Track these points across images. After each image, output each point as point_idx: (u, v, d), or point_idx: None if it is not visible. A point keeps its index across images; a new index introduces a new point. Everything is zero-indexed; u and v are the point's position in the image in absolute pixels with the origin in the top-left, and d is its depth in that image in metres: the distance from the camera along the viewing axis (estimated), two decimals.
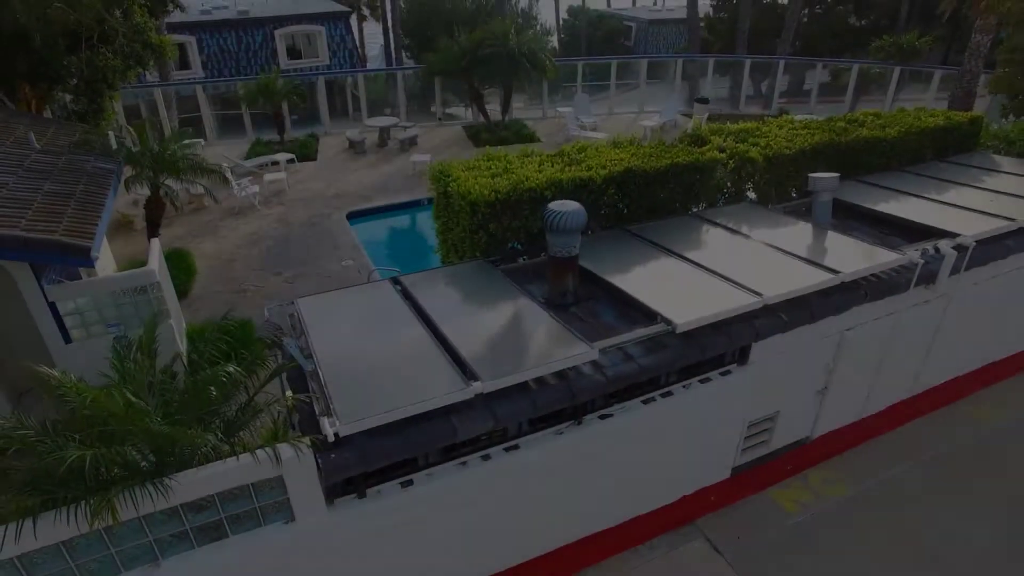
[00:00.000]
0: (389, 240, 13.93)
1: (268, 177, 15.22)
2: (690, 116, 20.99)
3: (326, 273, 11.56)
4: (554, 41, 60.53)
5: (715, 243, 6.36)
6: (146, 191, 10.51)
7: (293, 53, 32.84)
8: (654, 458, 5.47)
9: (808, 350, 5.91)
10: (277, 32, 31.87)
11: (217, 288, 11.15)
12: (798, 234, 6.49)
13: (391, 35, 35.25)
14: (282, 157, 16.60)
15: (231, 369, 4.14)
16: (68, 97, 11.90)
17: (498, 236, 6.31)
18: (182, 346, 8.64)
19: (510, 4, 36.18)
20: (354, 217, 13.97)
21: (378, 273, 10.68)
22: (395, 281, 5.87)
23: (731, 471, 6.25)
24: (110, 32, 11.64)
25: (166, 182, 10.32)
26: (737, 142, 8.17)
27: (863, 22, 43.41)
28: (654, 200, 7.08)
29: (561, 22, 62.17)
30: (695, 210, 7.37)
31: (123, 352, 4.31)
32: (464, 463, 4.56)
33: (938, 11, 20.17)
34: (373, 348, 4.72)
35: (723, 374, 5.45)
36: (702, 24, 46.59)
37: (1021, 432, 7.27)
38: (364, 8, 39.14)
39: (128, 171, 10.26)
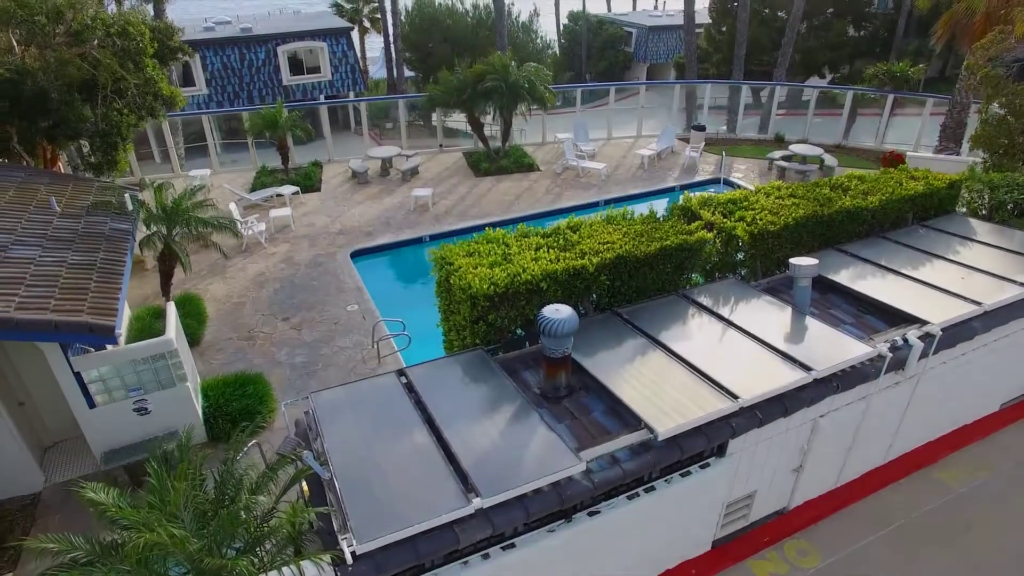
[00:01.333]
0: (392, 280, 14.36)
1: (274, 213, 15.67)
2: (687, 141, 21.41)
3: (332, 318, 12.02)
4: (554, 46, 60.85)
5: (698, 332, 6.81)
6: (159, 244, 10.95)
7: (296, 69, 33.21)
8: (638, 543, 5.95)
9: (783, 437, 6.37)
10: (280, 48, 32.22)
11: (228, 335, 11.62)
12: (777, 322, 6.94)
13: (392, 49, 35.56)
14: (287, 190, 17.05)
15: (262, 498, 4.59)
16: (84, 148, 12.34)
17: (497, 325, 6.77)
18: (198, 404, 9.13)
19: (510, 18, 36.43)
20: (358, 255, 14.43)
21: (384, 325, 11.19)
22: (400, 373, 6.33)
23: (712, 544, 6.74)
24: (124, 86, 12.07)
25: (179, 240, 10.76)
26: (725, 215, 8.62)
27: (861, 32, 43.72)
28: (643, 281, 7.54)
29: (561, 27, 62.45)
30: (682, 290, 7.80)
31: (160, 470, 4.74)
32: (466, 562, 5.03)
33: (930, 44, 20.51)
34: (384, 456, 5.18)
35: (703, 467, 5.92)
36: (699, 31, 46.91)
37: (986, 495, 7.74)
38: (366, 21, 39.44)
39: (143, 228, 10.73)
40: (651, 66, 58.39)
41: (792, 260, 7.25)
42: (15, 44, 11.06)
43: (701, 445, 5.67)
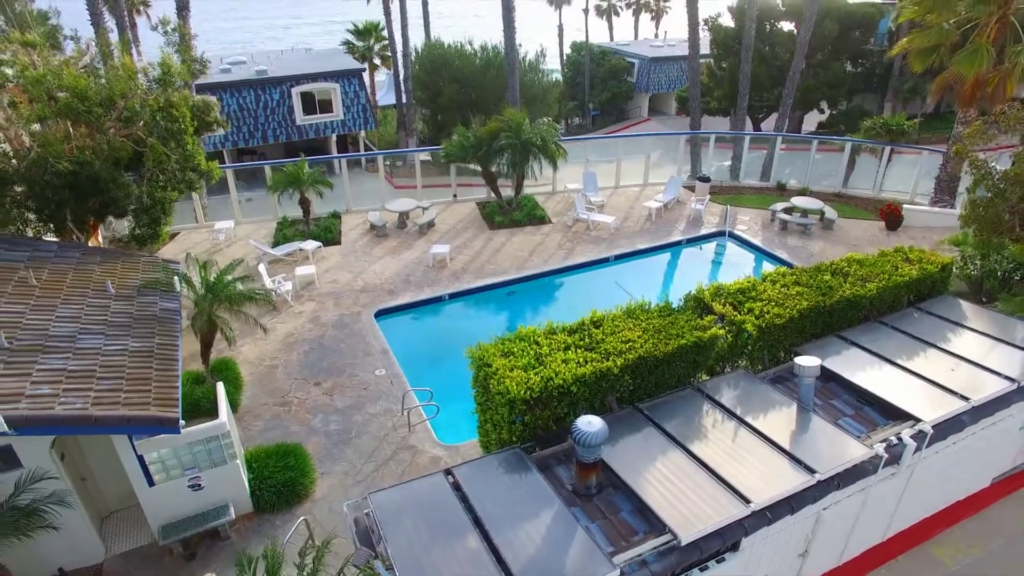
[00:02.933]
0: (416, 341, 15.07)
1: (299, 271, 16.43)
2: (692, 189, 22.27)
3: (362, 383, 12.74)
4: (558, 75, 62.02)
5: (713, 430, 7.53)
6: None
7: (309, 108, 34.20)
8: None
9: (790, 530, 7.08)
10: (294, 90, 33.22)
11: (264, 400, 12.33)
12: (784, 419, 7.66)
13: (402, 89, 36.61)
14: (309, 246, 17.84)
15: None
16: (126, 224, 13.14)
17: (531, 424, 7.50)
18: (245, 477, 9.82)
19: (517, 57, 37.42)
20: (381, 315, 15.18)
21: (413, 395, 11.92)
22: (448, 472, 7.05)
23: None
24: (166, 163, 12.89)
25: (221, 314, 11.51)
26: (735, 307, 9.37)
27: (859, 68, 44.82)
28: (662, 376, 8.28)
29: (565, 57, 63.73)
30: (696, 383, 8.52)
31: None
32: None
33: (926, 104, 21.40)
34: (443, 562, 5.88)
35: (719, 562, 6.62)
36: (702, 64, 47.90)
37: (978, 571, 8.42)
38: (377, 59, 40.54)
39: (189, 305, 11.50)
40: (653, 95, 59.65)
41: (797, 360, 7.98)
42: (71, 131, 11.90)
43: (718, 545, 6.38)
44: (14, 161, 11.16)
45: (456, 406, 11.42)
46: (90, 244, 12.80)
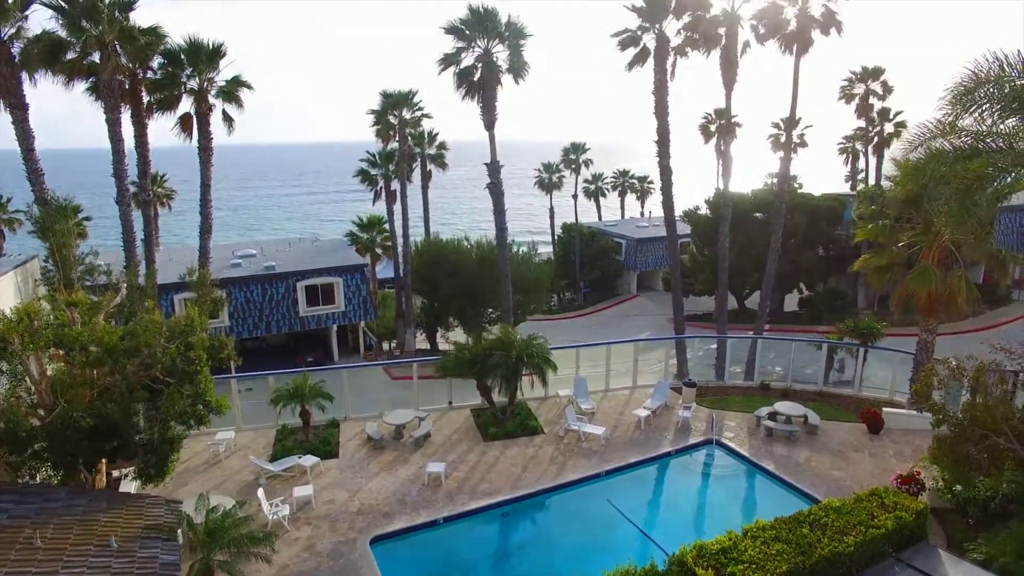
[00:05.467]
0: (411, 572, 14.99)
1: (297, 493, 16.67)
2: (679, 391, 23.11)
3: None
4: (551, 255, 65.68)
5: None
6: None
7: (312, 300, 36.10)
8: None
9: None
10: (299, 284, 35.29)
11: None
12: None
13: (402, 280, 38.83)
14: (308, 462, 18.21)
15: None
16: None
17: None
18: None
19: (511, 249, 40.16)
20: (377, 541, 15.23)
21: None
22: None
23: None
24: (178, 402, 13.66)
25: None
26: (717, 569, 9.72)
27: (830, 253, 47.95)
28: None
29: (556, 237, 67.92)
30: None
31: None
32: None
33: (890, 312, 23.07)
34: None
35: None
36: (687, 247, 51.17)
37: None
38: (378, 249, 43.36)
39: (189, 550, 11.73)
40: (641, 274, 62.92)
41: None
42: (95, 376, 12.82)
43: None
44: (39, 414, 11.93)
45: None
46: (97, 485, 13.22)
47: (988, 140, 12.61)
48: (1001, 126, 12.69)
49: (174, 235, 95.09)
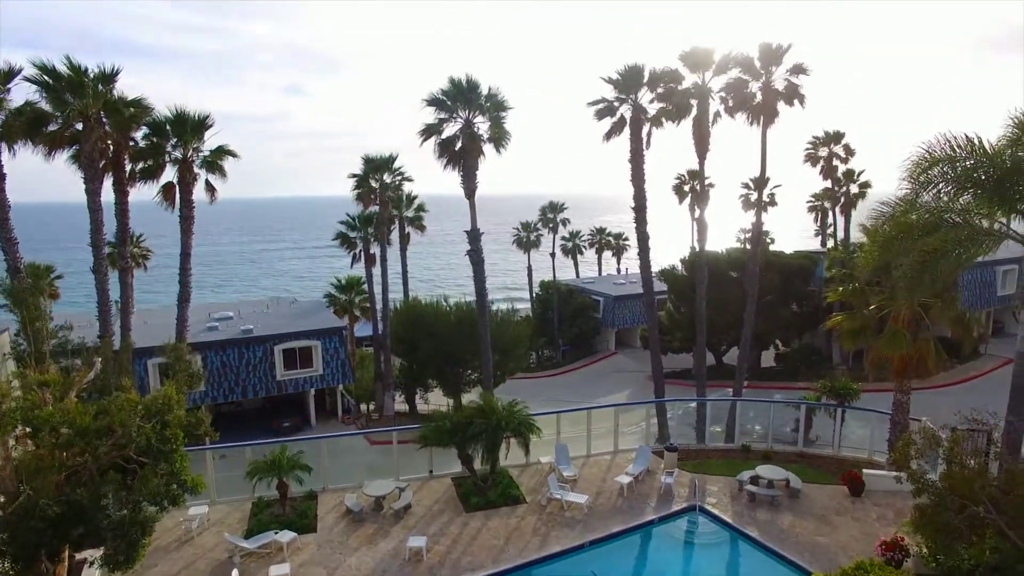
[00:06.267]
0: None
1: (273, 573, 16.14)
2: (661, 455, 23.02)
3: None
4: (528, 310, 65.99)
5: None
6: None
7: (290, 363, 35.66)
8: None
9: None
10: (276, 347, 34.91)
11: None
12: None
13: (381, 339, 38.62)
14: (284, 537, 17.68)
15: None
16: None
17: None
18: None
19: (490, 310, 40.33)
20: None
21: None
22: None
23: None
24: (152, 482, 13.30)
25: None
26: None
27: (804, 310, 48.86)
28: None
29: (535, 295, 68.32)
30: None
31: None
32: None
33: (863, 369, 23.54)
34: None
35: None
36: (664, 304, 51.65)
37: None
38: (357, 310, 43.23)
39: None
40: (619, 331, 63.28)
41: None
42: (63, 457, 12.46)
43: None
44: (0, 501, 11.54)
45: None
46: (58, 575, 12.70)
47: (946, 216, 13.24)
48: (959, 202, 13.36)
49: (147, 292, 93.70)
